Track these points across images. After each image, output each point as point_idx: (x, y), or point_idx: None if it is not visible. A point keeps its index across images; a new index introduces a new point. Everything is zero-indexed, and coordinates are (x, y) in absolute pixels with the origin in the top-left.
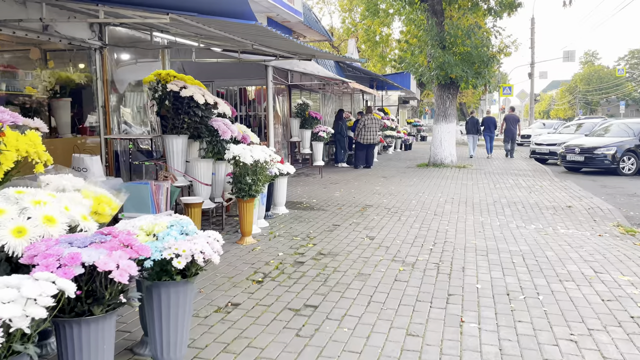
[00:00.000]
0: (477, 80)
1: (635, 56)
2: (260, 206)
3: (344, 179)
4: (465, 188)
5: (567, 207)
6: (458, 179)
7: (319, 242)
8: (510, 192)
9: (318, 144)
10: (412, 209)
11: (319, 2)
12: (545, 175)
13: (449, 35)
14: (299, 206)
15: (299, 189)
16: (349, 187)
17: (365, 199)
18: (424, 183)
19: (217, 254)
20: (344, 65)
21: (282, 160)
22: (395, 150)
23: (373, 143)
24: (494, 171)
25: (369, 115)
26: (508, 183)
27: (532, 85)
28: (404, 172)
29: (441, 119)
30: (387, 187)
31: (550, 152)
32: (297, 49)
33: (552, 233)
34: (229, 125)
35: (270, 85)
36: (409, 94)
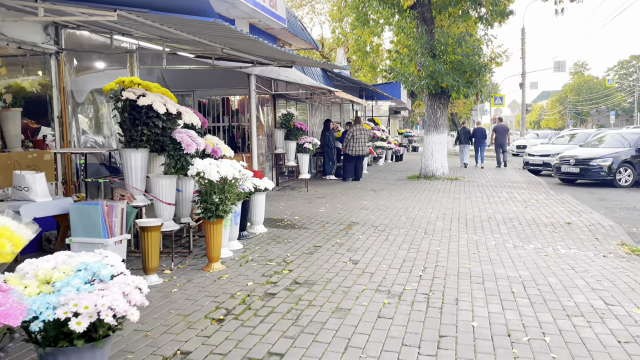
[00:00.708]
0: (469, 89)
1: (624, 67)
2: (233, 226)
3: (330, 192)
4: (458, 202)
5: (567, 223)
6: (450, 192)
7: (296, 268)
8: (505, 206)
9: (304, 156)
10: (401, 226)
11: (309, 12)
12: (540, 187)
13: (439, 44)
14: (279, 224)
15: (282, 204)
16: (335, 202)
17: (351, 216)
18: (415, 197)
19: (135, 308)
20: (332, 74)
21: (260, 174)
22: (386, 162)
23: (362, 154)
24: (487, 183)
25: (358, 126)
26: (502, 196)
27: (523, 96)
28: (394, 185)
29: (432, 130)
30: (375, 201)
31: (544, 163)
32: (272, 54)
33: (553, 254)
34: (194, 137)
35: (253, 95)
36: (400, 104)
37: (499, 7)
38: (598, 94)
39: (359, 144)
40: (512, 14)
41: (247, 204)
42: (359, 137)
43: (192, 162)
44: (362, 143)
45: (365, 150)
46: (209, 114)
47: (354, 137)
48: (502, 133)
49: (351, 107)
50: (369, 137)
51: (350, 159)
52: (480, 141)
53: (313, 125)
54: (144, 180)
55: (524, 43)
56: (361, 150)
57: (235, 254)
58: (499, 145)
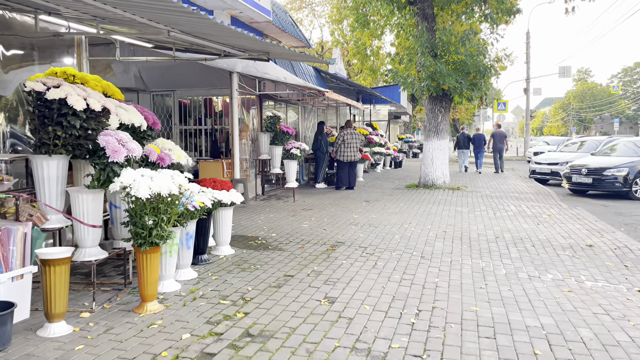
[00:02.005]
0: (473, 92)
1: (629, 74)
2: (184, 251)
3: (319, 203)
4: (460, 217)
5: (588, 246)
6: (451, 204)
7: (254, 310)
8: (514, 223)
9: (291, 162)
10: (394, 248)
11: (309, 14)
12: (549, 199)
13: (441, 42)
14: (251, 243)
15: (262, 216)
16: (322, 215)
17: (337, 233)
18: (412, 210)
19: None
20: (327, 75)
21: (227, 185)
22: (385, 168)
23: (354, 160)
24: (491, 194)
25: (349, 130)
26: (510, 210)
27: (527, 101)
28: (390, 195)
29: (432, 135)
30: (367, 214)
31: (552, 172)
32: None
33: (578, 289)
34: (125, 141)
35: (235, 95)
36: (400, 109)
37: (505, 4)
38: (602, 101)
39: (350, 149)
40: (520, 13)
41: (205, 223)
42: (351, 142)
43: (120, 172)
44: (353, 148)
45: (357, 155)
46: (190, 115)
47: (345, 142)
48: (500, 139)
49: (348, 110)
50: (360, 142)
51: (343, 165)
52: (480, 147)
53: (305, 130)
54: (61, 195)
55: (529, 47)
56: (353, 155)
57: (185, 286)
58: (496, 151)
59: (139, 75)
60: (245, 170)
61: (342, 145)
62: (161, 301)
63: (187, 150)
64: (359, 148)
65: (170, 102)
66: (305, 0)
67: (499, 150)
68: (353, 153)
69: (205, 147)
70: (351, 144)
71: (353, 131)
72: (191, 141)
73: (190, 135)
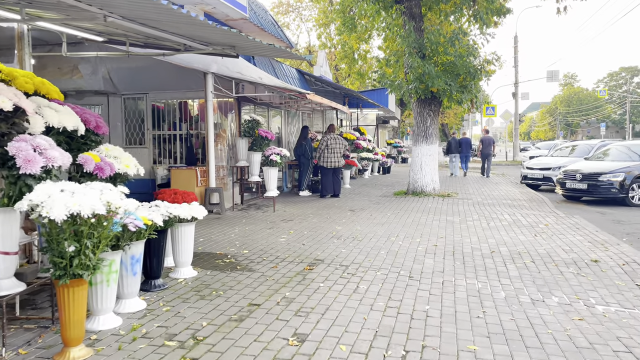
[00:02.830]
0: (462, 94)
1: (614, 78)
2: (129, 279)
3: (301, 213)
4: (452, 227)
5: (593, 261)
6: (442, 213)
7: (204, 356)
8: (509, 234)
9: (270, 169)
10: (379, 266)
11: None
12: (544, 206)
13: (429, 42)
14: (218, 262)
15: (237, 229)
16: (302, 227)
17: (317, 248)
18: (400, 220)
19: None
20: (311, 78)
21: (189, 198)
22: (373, 174)
23: (338, 167)
24: (483, 201)
25: (332, 134)
26: (504, 219)
27: (516, 106)
28: (377, 203)
29: (421, 140)
30: (352, 226)
31: (544, 177)
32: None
33: (589, 316)
34: (43, 147)
35: (210, 98)
36: (388, 113)
37: (494, 4)
38: (588, 106)
39: (334, 154)
40: (510, 13)
41: (158, 243)
42: (334, 147)
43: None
44: (337, 154)
45: (341, 161)
46: (164, 120)
47: (328, 147)
48: (488, 144)
49: (335, 115)
50: (345, 147)
51: (326, 172)
52: (466, 150)
53: (289, 135)
54: None
55: (517, 51)
56: (337, 161)
57: (128, 321)
58: (485, 156)
59: (109, 77)
60: (222, 178)
61: (325, 151)
62: (92, 343)
63: (161, 157)
64: (343, 153)
65: (142, 106)
66: (292, 5)
67: (487, 155)
68: (337, 159)
69: (180, 154)
70: (335, 149)
71: (337, 136)
72: (165, 147)
73: (164, 141)
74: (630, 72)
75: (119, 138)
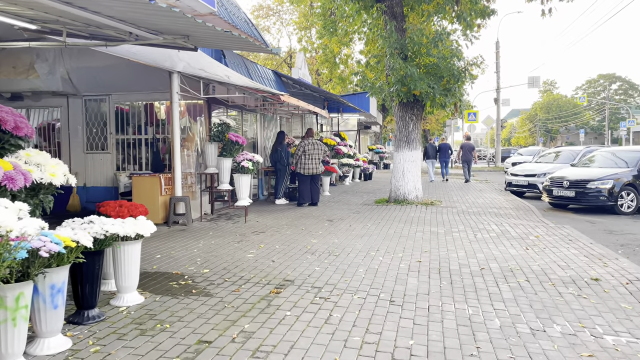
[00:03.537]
0: (446, 98)
1: (593, 86)
2: (50, 312)
3: (275, 224)
4: (437, 240)
5: (593, 280)
6: (425, 224)
7: None
8: (499, 247)
9: (242, 177)
10: (356, 288)
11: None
12: (531, 215)
13: (411, 43)
14: (172, 285)
15: (202, 243)
16: (274, 241)
17: (288, 266)
18: (381, 231)
19: None
20: (288, 80)
21: (138, 211)
22: (354, 181)
23: (316, 174)
24: (468, 210)
25: (310, 139)
26: (491, 230)
27: (498, 111)
28: (357, 213)
29: (403, 145)
30: (329, 238)
31: (529, 184)
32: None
33: (598, 350)
34: None
35: (176, 99)
36: (370, 118)
37: (478, 5)
38: (567, 112)
39: (312, 160)
40: (494, 14)
41: (90, 267)
42: (312, 153)
43: None
44: (315, 160)
45: (319, 168)
46: (128, 123)
47: (305, 153)
48: (468, 150)
49: (315, 119)
50: (324, 153)
51: (304, 179)
52: (445, 156)
53: (266, 140)
54: None
55: (499, 57)
56: (315, 168)
57: None
58: (465, 162)
59: (68, 77)
60: (190, 186)
61: (302, 157)
62: None
63: (126, 163)
64: (322, 159)
65: (105, 108)
66: (273, 8)
67: (468, 161)
68: (315, 165)
69: (146, 160)
70: (313, 155)
71: (315, 141)
72: (130, 153)
73: (128, 146)
74: (607, 79)
75: (79, 143)
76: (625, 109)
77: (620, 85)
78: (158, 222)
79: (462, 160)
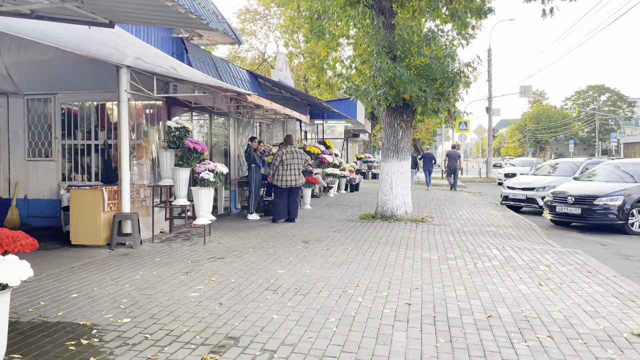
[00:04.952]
0: (439, 103)
1: (582, 97)
2: None
3: (239, 246)
4: (430, 270)
5: (635, 336)
6: (416, 247)
7: None
8: (505, 282)
9: (201, 190)
10: (322, 350)
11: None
12: (534, 235)
13: (400, 41)
14: (68, 346)
15: (140, 274)
16: (231, 272)
17: (237, 313)
18: (364, 257)
19: None
20: (267, 82)
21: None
22: (339, 192)
23: (295, 186)
24: (463, 228)
25: (289, 148)
26: (493, 256)
27: (490, 120)
28: (338, 231)
29: (392, 155)
30: (299, 268)
31: (528, 198)
32: None
33: None
34: None
35: (124, 98)
36: (358, 126)
37: (474, 3)
38: (557, 123)
39: (290, 171)
40: (492, 13)
41: None
42: (291, 163)
43: None
44: (294, 170)
45: (299, 180)
46: (78, 127)
47: (283, 163)
48: (454, 159)
49: (299, 126)
50: (305, 162)
51: (281, 192)
52: (429, 165)
53: (240, 147)
54: None
55: (491, 65)
56: (294, 180)
57: None
58: (451, 170)
59: (7, 73)
60: (143, 201)
61: (279, 168)
62: None
63: (74, 172)
64: (302, 170)
65: (50, 109)
66: (260, 12)
67: (454, 170)
68: (294, 177)
69: (97, 169)
70: (291, 165)
71: (295, 149)
72: (79, 160)
73: (77, 153)
74: (597, 90)
75: (20, 149)
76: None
77: (609, 96)
78: (99, 243)
79: (448, 169)
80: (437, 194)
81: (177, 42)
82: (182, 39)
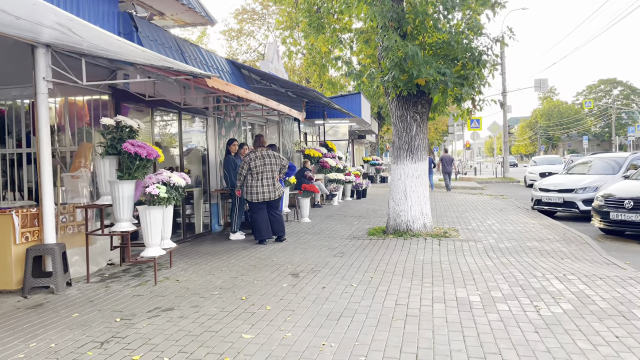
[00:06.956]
0: (462, 88)
1: (594, 91)
2: None
3: (202, 287)
4: (473, 325)
5: None
6: (445, 280)
7: None
8: (599, 348)
9: (151, 211)
10: None
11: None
12: (590, 252)
13: (412, 13)
14: None
15: (33, 344)
16: (168, 342)
17: None
18: (373, 301)
19: None
20: (252, 73)
21: None
22: (344, 199)
23: (270, 199)
24: (498, 244)
25: (259, 151)
26: (557, 293)
27: (505, 117)
28: (340, 255)
29: (404, 155)
30: (276, 328)
31: (565, 201)
32: None
33: None
34: None
35: (43, 89)
36: (364, 125)
37: None
38: (569, 119)
39: (262, 181)
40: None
41: None
42: (262, 171)
43: None
44: (267, 180)
45: (276, 191)
46: (9, 131)
47: (251, 172)
48: (447, 162)
49: (297, 127)
50: (281, 166)
51: (256, 208)
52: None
53: (222, 152)
54: None
55: (504, 57)
56: (267, 192)
57: None
58: (445, 173)
59: None
60: (81, 225)
61: (247, 178)
62: None
63: (3, 190)
64: (278, 178)
65: None
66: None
67: (448, 172)
68: (267, 188)
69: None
70: (263, 174)
71: (266, 153)
72: (9, 174)
73: (9, 165)
74: (609, 84)
75: None
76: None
77: (622, 90)
78: (9, 288)
79: (443, 172)
80: (456, 197)
81: (125, 17)
82: (131, 14)
